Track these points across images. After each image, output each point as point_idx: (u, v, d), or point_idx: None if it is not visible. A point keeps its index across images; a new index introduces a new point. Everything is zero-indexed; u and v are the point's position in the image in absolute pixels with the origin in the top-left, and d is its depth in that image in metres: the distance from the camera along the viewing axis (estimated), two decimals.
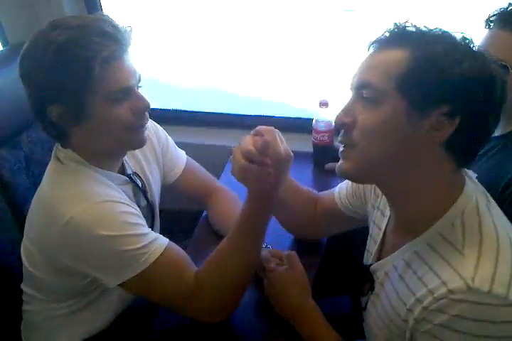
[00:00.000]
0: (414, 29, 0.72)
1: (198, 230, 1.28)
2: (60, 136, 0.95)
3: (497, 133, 1.13)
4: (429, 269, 0.72)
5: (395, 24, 0.73)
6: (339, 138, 0.77)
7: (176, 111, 1.90)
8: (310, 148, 1.54)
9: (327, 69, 3.48)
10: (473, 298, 0.65)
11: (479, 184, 0.83)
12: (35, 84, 0.89)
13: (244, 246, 0.93)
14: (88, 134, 0.93)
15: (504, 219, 0.77)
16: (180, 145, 1.29)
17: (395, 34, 0.73)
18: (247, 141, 0.84)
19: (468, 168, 1.14)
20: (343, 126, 0.75)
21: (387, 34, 0.73)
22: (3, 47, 1.70)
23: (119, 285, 0.92)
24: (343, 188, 1.08)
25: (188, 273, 0.94)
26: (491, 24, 1.06)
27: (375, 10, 4.63)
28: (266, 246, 1.12)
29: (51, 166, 0.99)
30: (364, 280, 0.89)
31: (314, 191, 1.17)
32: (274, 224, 1.14)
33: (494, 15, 1.06)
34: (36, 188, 1.00)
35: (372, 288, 0.87)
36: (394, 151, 0.72)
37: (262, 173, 0.84)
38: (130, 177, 1.06)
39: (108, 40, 0.87)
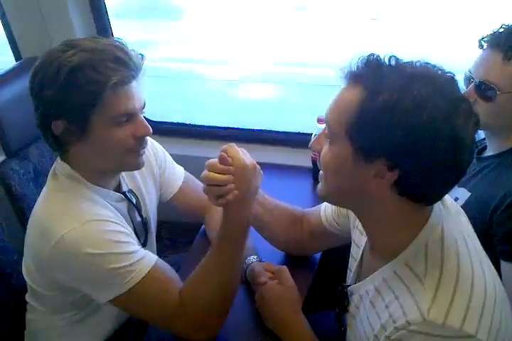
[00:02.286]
0: (377, 66, 0.70)
1: (196, 242, 1.31)
2: (61, 150, 0.99)
3: (491, 152, 1.16)
4: (395, 298, 0.74)
5: (364, 57, 0.71)
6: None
7: (176, 124, 1.95)
8: (309, 163, 1.58)
9: (324, 84, 3.52)
10: (428, 330, 0.67)
11: (456, 209, 0.84)
12: (45, 99, 0.92)
13: (221, 265, 0.95)
14: (87, 151, 0.97)
15: (475, 250, 0.78)
16: (180, 157, 1.32)
17: (358, 70, 0.71)
18: (212, 160, 0.89)
19: (460, 186, 1.18)
20: (315, 150, 0.81)
21: (353, 68, 0.72)
22: (16, 61, 1.76)
23: (108, 301, 0.95)
24: (328, 206, 1.10)
25: (174, 292, 0.96)
26: (484, 44, 1.07)
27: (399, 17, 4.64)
28: (259, 260, 1.15)
29: (48, 183, 1.03)
30: (344, 300, 0.91)
31: (299, 208, 1.19)
32: None
33: (487, 35, 1.07)
34: None
35: (346, 309, 0.90)
36: (346, 186, 0.76)
37: (223, 181, 0.87)
38: (125, 195, 1.09)
39: (120, 66, 0.90)
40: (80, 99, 0.90)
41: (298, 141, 1.74)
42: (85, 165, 1.00)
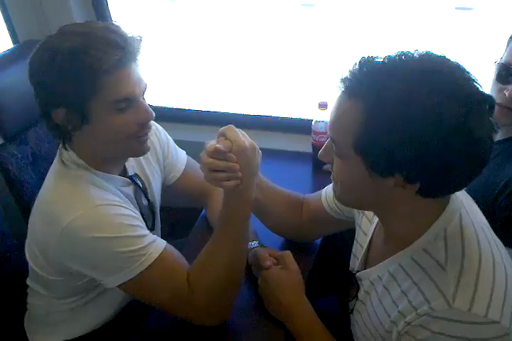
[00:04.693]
0: (372, 76, 0.65)
1: (196, 227, 1.31)
2: (64, 138, 0.98)
3: (497, 138, 1.15)
4: (413, 284, 0.73)
5: (356, 68, 0.67)
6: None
7: (177, 109, 1.93)
8: (310, 149, 1.57)
9: (324, 70, 3.51)
10: (454, 316, 0.67)
11: (468, 198, 0.84)
12: (42, 87, 0.91)
13: (225, 246, 0.95)
14: (90, 139, 0.96)
15: (491, 235, 0.78)
16: (182, 143, 1.31)
17: (355, 79, 0.67)
18: (213, 143, 0.88)
19: None
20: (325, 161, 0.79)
21: (349, 76, 0.68)
22: (13, 44, 1.73)
23: (117, 286, 0.95)
24: (330, 191, 1.09)
25: (183, 276, 0.96)
26: None
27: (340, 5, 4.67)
28: (261, 245, 1.14)
29: (54, 167, 1.02)
30: (350, 286, 0.91)
31: (300, 194, 1.18)
32: None
33: None
34: (42, 184, 1.03)
35: (356, 296, 0.89)
36: (366, 197, 0.76)
37: (230, 168, 0.87)
38: (131, 179, 1.08)
39: (112, 49, 0.87)
40: (76, 86, 0.88)
41: (298, 126, 1.73)
42: (89, 153, 0.98)
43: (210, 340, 1.01)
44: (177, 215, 1.61)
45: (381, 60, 0.67)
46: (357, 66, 0.67)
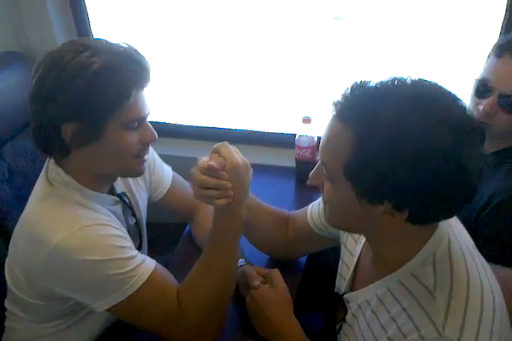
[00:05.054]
0: (368, 101, 0.65)
1: (181, 243, 1.29)
2: (61, 154, 0.93)
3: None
4: (402, 310, 0.72)
5: (347, 93, 0.67)
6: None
7: (162, 123, 1.91)
8: (293, 163, 1.57)
9: (310, 85, 3.53)
10: None
11: (454, 217, 0.84)
12: (58, 102, 0.86)
13: (217, 265, 0.94)
14: (91, 156, 0.92)
15: (477, 255, 0.78)
16: (167, 158, 1.29)
17: (347, 103, 0.67)
18: (205, 160, 0.87)
19: None
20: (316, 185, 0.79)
21: (341, 99, 0.67)
22: None
23: (107, 309, 0.91)
24: (315, 208, 1.08)
25: (173, 296, 0.94)
26: (504, 52, 1.03)
27: (365, 18, 4.71)
28: (248, 262, 1.12)
29: (40, 186, 0.97)
30: (338, 308, 0.90)
31: (286, 211, 1.17)
32: None
33: (508, 42, 1.03)
34: (19, 201, 0.99)
35: (344, 319, 0.88)
36: (355, 222, 0.75)
37: (222, 186, 0.86)
38: (120, 197, 1.05)
39: (141, 69, 0.88)
40: (101, 103, 0.85)
41: (281, 141, 1.73)
42: (84, 170, 0.94)
43: None
44: (157, 231, 1.58)
45: (373, 84, 0.67)
46: (349, 90, 0.67)
